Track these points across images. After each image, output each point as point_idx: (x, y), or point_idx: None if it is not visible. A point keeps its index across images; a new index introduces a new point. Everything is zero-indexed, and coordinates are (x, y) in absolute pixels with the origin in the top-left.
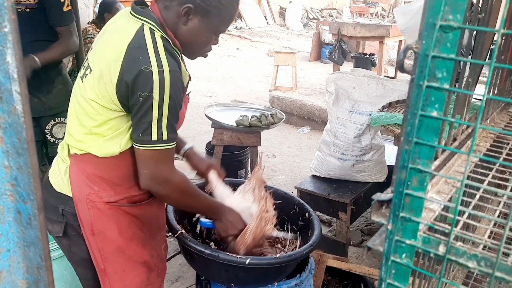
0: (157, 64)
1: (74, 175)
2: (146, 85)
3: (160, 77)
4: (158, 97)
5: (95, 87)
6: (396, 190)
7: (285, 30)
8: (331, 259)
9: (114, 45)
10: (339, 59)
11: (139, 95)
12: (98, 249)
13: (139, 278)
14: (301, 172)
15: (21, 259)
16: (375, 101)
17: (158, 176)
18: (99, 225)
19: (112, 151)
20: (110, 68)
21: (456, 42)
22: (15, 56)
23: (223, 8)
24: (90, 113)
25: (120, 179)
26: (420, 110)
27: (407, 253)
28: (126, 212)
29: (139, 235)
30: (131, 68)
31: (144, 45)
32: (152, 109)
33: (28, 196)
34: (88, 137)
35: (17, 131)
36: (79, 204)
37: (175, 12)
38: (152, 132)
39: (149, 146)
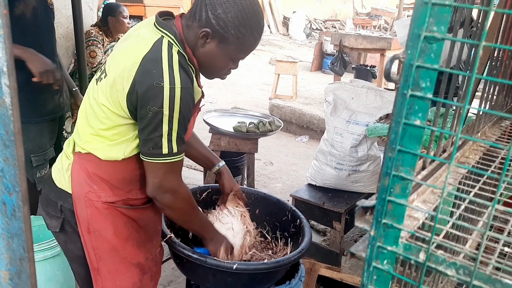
0: (169, 80)
1: (75, 172)
2: (156, 100)
3: (171, 93)
4: (168, 112)
5: (107, 93)
6: (379, 196)
7: (288, 39)
8: (323, 268)
9: (131, 54)
10: (340, 69)
11: (148, 109)
12: (92, 248)
13: (132, 279)
14: (297, 181)
15: (5, 250)
16: (373, 112)
17: (166, 186)
18: (95, 224)
19: (115, 156)
20: (123, 76)
21: (440, 53)
22: (5, 50)
23: (241, 37)
24: (99, 116)
25: (120, 183)
26: (404, 118)
27: (388, 259)
28: (123, 213)
29: (135, 236)
30: (143, 81)
31: (159, 58)
32: (162, 124)
33: (13, 187)
34: (95, 138)
35: (5, 124)
36: (78, 202)
37: (195, 33)
38: (163, 146)
39: (160, 159)
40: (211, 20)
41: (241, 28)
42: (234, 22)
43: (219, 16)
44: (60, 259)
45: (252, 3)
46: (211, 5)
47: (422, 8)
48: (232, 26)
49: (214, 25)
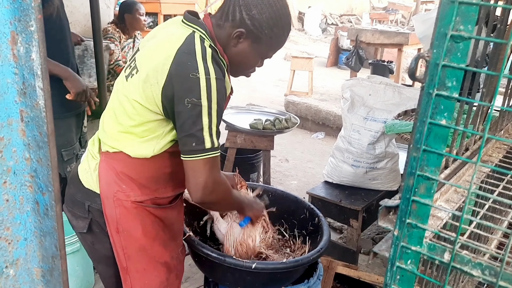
0: (205, 71)
1: (103, 172)
2: (193, 92)
3: (207, 84)
4: (207, 103)
5: (140, 88)
6: (403, 196)
7: (303, 35)
8: (340, 266)
9: (163, 48)
10: (355, 65)
11: (187, 102)
12: (122, 247)
13: (159, 278)
14: (313, 178)
15: (37, 248)
16: (391, 108)
17: (211, 182)
18: (124, 223)
19: (144, 153)
20: (157, 70)
21: (466, 52)
22: (39, 54)
23: (274, 36)
24: (129, 112)
25: (148, 181)
26: (429, 118)
27: (412, 260)
28: (150, 212)
29: (161, 236)
30: (178, 73)
31: (193, 51)
32: (202, 116)
33: (46, 187)
34: (124, 135)
35: (39, 125)
36: (106, 201)
37: (227, 33)
38: (206, 140)
39: (204, 155)
40: (246, 20)
41: (274, 28)
42: (268, 23)
43: (254, 16)
44: (80, 255)
45: (283, 4)
46: (246, 6)
47: (448, 7)
48: (266, 27)
49: (249, 26)
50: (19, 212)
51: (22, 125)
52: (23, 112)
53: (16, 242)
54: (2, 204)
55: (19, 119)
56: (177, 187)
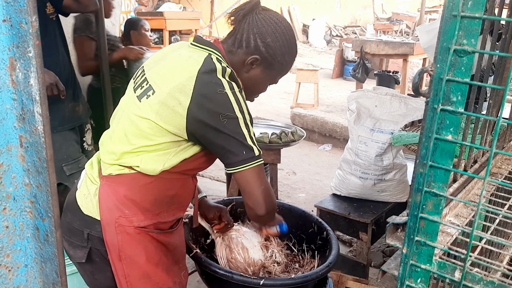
0: (229, 86)
1: (104, 197)
2: (225, 107)
3: (235, 97)
4: (241, 115)
5: (158, 109)
6: (411, 213)
7: (308, 47)
8: (350, 280)
9: (183, 70)
10: (362, 76)
11: (221, 117)
12: (124, 275)
13: None
14: (321, 191)
15: (38, 274)
16: (397, 119)
17: (268, 187)
18: (127, 250)
19: (153, 168)
20: (179, 92)
21: (470, 66)
22: (37, 80)
23: (285, 64)
24: (146, 133)
25: (151, 204)
26: (435, 133)
27: (422, 278)
28: (153, 238)
29: (164, 261)
30: (205, 92)
31: (214, 70)
32: (241, 128)
33: (46, 213)
34: (133, 154)
35: (38, 151)
36: (107, 228)
37: (240, 59)
38: (254, 148)
39: (255, 162)
40: (261, 48)
41: (286, 55)
42: (281, 50)
43: (269, 44)
44: None
45: (292, 32)
46: (260, 34)
47: (451, 21)
48: (279, 54)
49: (263, 53)
50: (19, 239)
51: (21, 151)
52: (22, 137)
53: (17, 269)
54: (2, 231)
55: (19, 144)
56: (178, 211)
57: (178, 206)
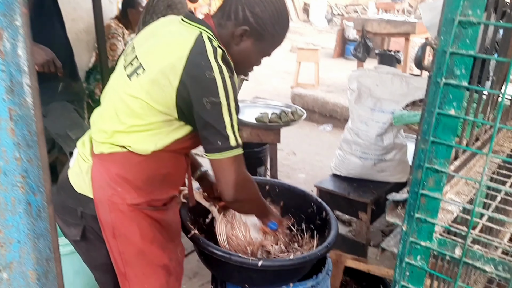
0: (218, 70)
1: (97, 175)
2: (211, 91)
3: (223, 83)
4: (226, 102)
5: (148, 88)
6: (411, 190)
7: (309, 26)
8: (349, 260)
9: (174, 48)
10: (363, 55)
11: (205, 102)
12: (119, 252)
13: (159, 281)
14: (321, 171)
15: (31, 250)
16: (398, 99)
17: (242, 179)
18: (121, 228)
19: (145, 148)
20: (169, 71)
21: (475, 38)
22: (25, 50)
23: (276, 35)
24: (137, 112)
25: (143, 183)
26: (438, 108)
27: (422, 255)
28: (147, 215)
29: (159, 238)
30: (194, 74)
31: (205, 51)
32: (223, 115)
33: (37, 188)
34: (124, 134)
35: (28, 124)
36: (100, 206)
37: (229, 32)
38: (230, 138)
39: (229, 153)
40: (249, 18)
41: (276, 25)
42: (271, 20)
43: (257, 14)
44: None
45: (282, 2)
46: (248, 4)
47: None
48: (269, 24)
49: (252, 23)
50: (11, 214)
51: (11, 124)
52: (12, 110)
53: (9, 244)
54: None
55: (8, 118)
56: (171, 189)
57: (171, 184)
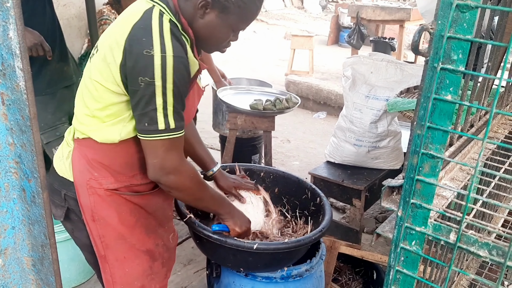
0: (160, 48)
1: (76, 159)
2: (147, 70)
3: (162, 62)
4: (161, 83)
5: (100, 68)
6: (407, 176)
7: (303, 13)
8: (343, 246)
9: (121, 25)
10: (357, 43)
11: (140, 81)
12: (98, 236)
13: (141, 267)
14: (315, 158)
15: (26, 236)
16: (393, 86)
17: (168, 166)
18: (99, 212)
19: (111, 138)
20: (114, 47)
21: (473, 22)
22: (17, 32)
23: (243, 6)
24: (94, 94)
25: (122, 167)
26: (434, 93)
27: (417, 240)
28: (127, 200)
29: (143, 223)
30: (133, 50)
31: (149, 26)
32: (156, 96)
33: (32, 173)
34: (90, 119)
35: (21, 108)
36: (80, 190)
37: (192, 4)
38: (159, 121)
39: (157, 136)
40: None
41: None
42: None
43: None
44: None
45: None
46: None
47: None
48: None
49: None
50: (5, 200)
51: (3, 109)
52: (4, 94)
53: (4, 231)
54: None
55: (0, 102)
56: None
57: None
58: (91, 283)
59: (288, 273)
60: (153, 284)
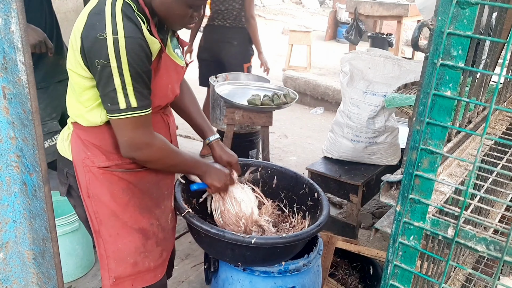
0: (112, 30)
1: (73, 141)
2: (101, 53)
3: (114, 44)
4: (116, 64)
5: (70, 56)
6: (406, 171)
7: (301, 8)
8: (340, 241)
9: (82, 13)
10: (355, 38)
11: (97, 63)
12: (93, 212)
13: (134, 244)
14: (312, 154)
15: (27, 230)
16: (391, 82)
17: (138, 142)
18: (93, 189)
19: (94, 121)
20: (76, 35)
21: (473, 19)
22: (19, 25)
23: None
24: (71, 82)
25: (112, 147)
26: (434, 89)
27: (415, 235)
28: (120, 178)
29: (135, 202)
30: (88, 35)
31: (103, 10)
32: (113, 77)
33: (33, 167)
34: (76, 106)
35: (22, 102)
36: (78, 168)
37: None
38: (119, 101)
39: (119, 115)
40: None
41: None
42: None
43: None
44: (79, 234)
45: None
46: None
47: None
48: None
49: None
50: (6, 194)
51: (5, 103)
52: (5, 88)
53: (5, 224)
54: None
55: (2, 96)
56: None
57: None
58: (88, 277)
59: (285, 268)
60: (147, 262)
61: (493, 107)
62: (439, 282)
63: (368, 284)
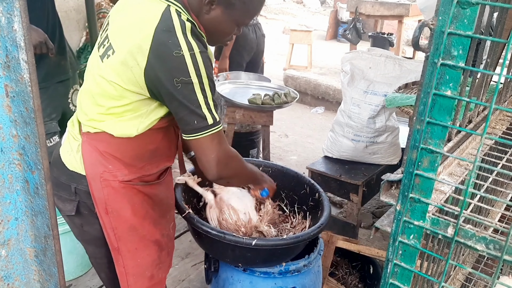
0: (188, 47)
1: (87, 153)
2: (181, 71)
3: (193, 60)
4: (197, 80)
5: (118, 70)
6: (406, 170)
7: (302, 7)
8: (340, 240)
9: (139, 27)
10: (354, 38)
11: (176, 82)
12: (112, 228)
13: (151, 257)
14: (313, 153)
15: (29, 227)
16: (391, 81)
17: (225, 156)
18: (113, 204)
19: (128, 133)
20: (136, 52)
21: (474, 18)
22: (22, 24)
23: (248, 2)
24: (111, 94)
25: (132, 160)
26: (434, 89)
27: (415, 234)
28: (139, 191)
29: (151, 214)
30: (161, 54)
31: (172, 27)
32: (196, 94)
33: (35, 165)
34: (105, 116)
35: (25, 100)
36: (93, 183)
37: (199, 1)
38: (207, 117)
39: (208, 131)
40: None
41: None
42: None
43: None
44: None
45: None
46: None
47: None
48: None
49: None
50: (8, 192)
51: (7, 101)
52: (8, 86)
53: (7, 222)
54: None
55: (4, 94)
56: (162, 162)
57: (162, 158)
58: (88, 276)
59: (286, 268)
60: (161, 273)
61: (494, 107)
62: (439, 281)
63: (368, 283)
